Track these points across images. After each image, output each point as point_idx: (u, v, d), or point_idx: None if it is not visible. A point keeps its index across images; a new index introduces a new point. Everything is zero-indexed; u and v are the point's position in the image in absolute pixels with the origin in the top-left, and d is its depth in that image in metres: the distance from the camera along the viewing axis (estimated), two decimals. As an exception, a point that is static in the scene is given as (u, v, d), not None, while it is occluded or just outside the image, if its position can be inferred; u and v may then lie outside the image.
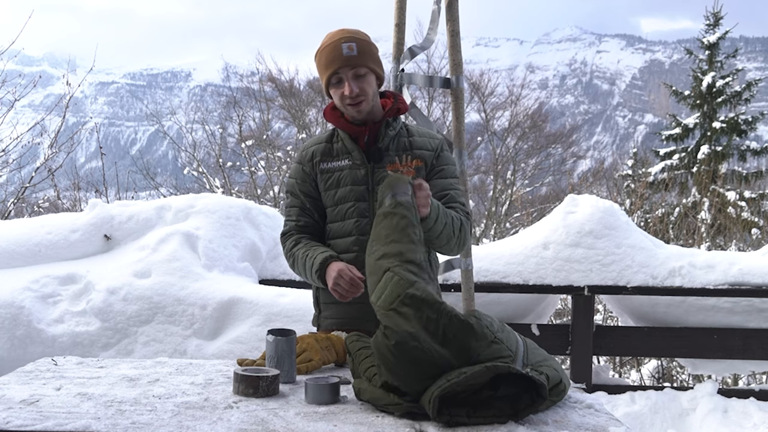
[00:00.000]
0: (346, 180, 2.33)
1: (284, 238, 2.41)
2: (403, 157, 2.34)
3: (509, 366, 1.60)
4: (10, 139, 9.26)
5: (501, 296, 4.71)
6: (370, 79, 2.29)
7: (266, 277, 4.59)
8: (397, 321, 1.69)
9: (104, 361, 2.27)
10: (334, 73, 2.26)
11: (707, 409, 4.41)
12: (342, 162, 2.34)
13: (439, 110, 19.84)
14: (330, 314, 2.41)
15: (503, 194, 19.31)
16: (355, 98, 2.26)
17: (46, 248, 4.41)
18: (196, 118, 19.64)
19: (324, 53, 2.29)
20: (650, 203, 13.94)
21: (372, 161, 2.32)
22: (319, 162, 2.36)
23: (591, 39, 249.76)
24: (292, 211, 2.40)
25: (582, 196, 5.12)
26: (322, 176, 2.36)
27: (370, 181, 2.32)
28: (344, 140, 2.35)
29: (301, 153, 2.42)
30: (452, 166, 2.43)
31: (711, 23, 17.20)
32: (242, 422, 1.63)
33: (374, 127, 2.33)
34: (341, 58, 2.24)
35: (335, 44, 2.27)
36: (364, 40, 2.30)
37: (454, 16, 3.67)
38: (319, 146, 2.39)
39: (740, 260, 4.63)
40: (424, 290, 1.74)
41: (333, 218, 2.35)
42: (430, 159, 2.37)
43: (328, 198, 2.36)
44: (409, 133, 2.40)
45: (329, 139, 2.39)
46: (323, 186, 2.36)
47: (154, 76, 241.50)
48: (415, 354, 1.64)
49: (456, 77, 3.69)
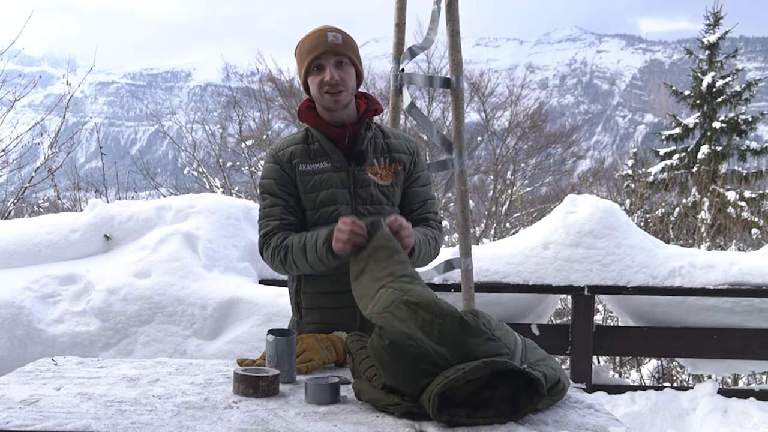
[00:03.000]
0: (327, 183, 2.26)
1: (267, 237, 2.27)
2: (381, 160, 2.32)
3: (507, 362, 1.60)
4: (10, 139, 9.27)
5: (501, 296, 4.71)
6: (351, 72, 2.26)
7: (266, 277, 4.59)
8: (392, 322, 1.69)
9: (104, 361, 2.27)
10: (316, 58, 2.22)
11: (707, 409, 4.41)
12: (321, 164, 2.27)
13: (439, 110, 19.85)
14: (312, 319, 2.34)
15: (503, 194, 19.31)
16: (335, 86, 2.21)
17: (46, 248, 4.41)
18: (196, 118, 19.65)
19: (307, 40, 2.26)
20: (650, 203, 13.95)
21: (353, 163, 2.28)
22: (298, 163, 2.28)
23: (591, 39, 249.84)
24: (275, 210, 2.27)
25: (582, 196, 5.12)
26: (301, 178, 2.27)
27: (352, 183, 2.28)
28: (321, 141, 2.28)
29: (276, 153, 2.32)
30: (426, 172, 2.43)
31: (711, 23, 17.21)
32: (242, 422, 1.63)
33: (354, 129, 2.29)
34: (326, 44, 2.22)
35: (320, 32, 2.25)
36: (348, 35, 2.29)
37: (454, 16, 3.67)
38: (296, 147, 2.31)
39: (740, 260, 4.63)
40: (419, 295, 1.75)
41: (314, 221, 2.28)
42: (408, 163, 2.36)
43: (308, 201, 2.28)
44: (384, 135, 2.37)
45: (305, 140, 2.32)
46: (303, 188, 2.28)
47: (154, 76, 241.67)
48: (411, 352, 1.64)
49: (456, 77, 3.69)
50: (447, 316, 1.68)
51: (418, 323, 1.68)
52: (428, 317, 1.68)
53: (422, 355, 1.64)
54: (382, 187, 2.30)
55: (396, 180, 2.33)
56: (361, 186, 2.28)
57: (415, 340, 1.65)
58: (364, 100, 2.35)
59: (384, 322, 1.70)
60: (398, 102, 3.74)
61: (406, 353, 1.64)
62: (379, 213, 2.27)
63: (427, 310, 1.70)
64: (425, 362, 1.63)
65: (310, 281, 2.32)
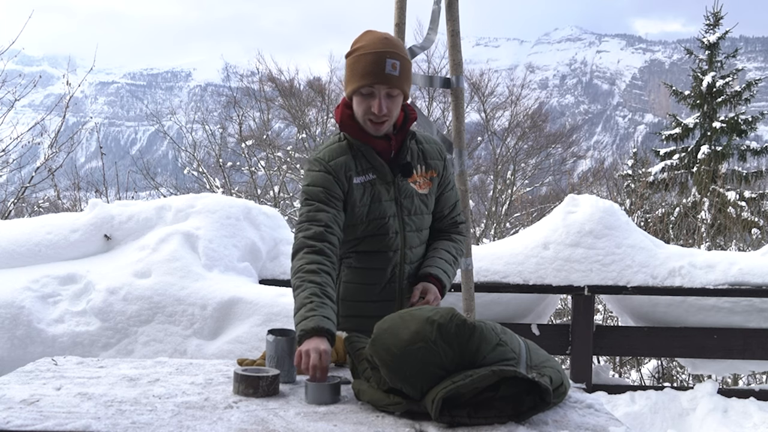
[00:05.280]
0: (377, 195, 2.24)
1: (307, 240, 2.14)
2: (419, 168, 2.31)
3: (515, 370, 1.60)
4: (10, 139, 9.27)
5: (501, 296, 4.71)
6: (400, 101, 2.21)
7: (266, 277, 4.59)
8: (405, 324, 1.71)
9: (104, 361, 2.27)
10: (367, 86, 2.15)
11: (707, 409, 4.41)
12: (369, 176, 2.25)
13: (439, 110, 19.84)
14: (348, 312, 2.30)
15: (503, 194, 19.30)
16: (381, 117, 2.17)
17: (46, 248, 4.41)
18: (196, 118, 19.62)
19: (363, 60, 2.16)
20: (650, 203, 13.94)
21: (399, 175, 2.27)
22: (353, 176, 2.23)
23: (591, 39, 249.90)
24: (323, 216, 2.16)
25: (582, 196, 5.12)
26: (356, 191, 2.23)
27: (398, 195, 2.27)
28: (366, 153, 2.25)
29: (328, 163, 2.22)
30: (452, 173, 2.46)
31: (711, 23, 17.21)
32: (242, 422, 1.63)
33: (398, 140, 2.27)
34: (382, 74, 2.13)
35: (379, 56, 2.14)
36: (405, 58, 2.20)
37: (454, 16, 3.67)
38: (347, 158, 2.24)
39: (740, 260, 4.63)
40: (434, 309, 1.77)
41: (365, 233, 2.25)
42: (441, 168, 2.37)
43: (359, 214, 2.24)
44: (417, 141, 2.35)
45: (350, 151, 2.26)
46: (356, 201, 2.23)
47: (154, 76, 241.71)
48: (421, 354, 1.64)
49: (456, 77, 3.69)
50: (459, 324, 1.68)
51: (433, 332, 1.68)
52: (442, 321, 1.68)
53: (433, 360, 1.64)
54: (421, 195, 2.31)
55: (432, 188, 2.34)
56: (405, 197, 2.29)
57: (428, 342, 1.65)
58: (401, 108, 2.30)
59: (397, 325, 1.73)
60: (398, 102, 3.73)
61: (417, 355, 1.64)
62: (421, 223, 2.32)
63: (444, 317, 1.70)
64: (434, 366, 1.64)
65: (352, 269, 2.31)
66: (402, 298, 2.32)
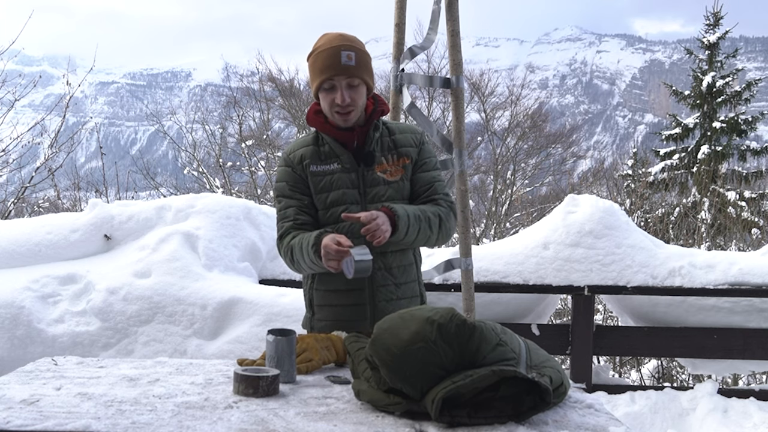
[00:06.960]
0: (337, 183, 2.33)
1: (282, 238, 2.35)
2: (389, 157, 2.37)
3: (515, 370, 1.60)
4: (10, 139, 9.27)
5: (501, 296, 4.71)
6: (362, 90, 2.29)
7: (266, 277, 4.60)
8: (405, 324, 1.70)
9: (104, 361, 2.27)
10: (328, 79, 2.25)
11: (707, 409, 4.41)
12: (331, 165, 2.34)
13: (439, 110, 19.85)
14: (324, 316, 2.41)
15: (503, 194, 19.32)
16: (346, 107, 2.26)
17: (46, 248, 4.41)
18: (196, 118, 19.64)
19: (321, 57, 2.27)
20: (650, 203, 13.94)
21: (362, 164, 2.34)
22: (309, 164, 2.35)
23: (591, 39, 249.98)
24: (289, 211, 2.35)
25: (582, 196, 5.12)
26: (312, 179, 2.34)
27: (361, 184, 2.34)
28: (331, 144, 2.35)
29: (288, 156, 2.40)
30: (433, 158, 2.47)
31: (711, 23, 17.20)
32: (242, 422, 1.63)
33: (362, 131, 2.34)
34: (338, 66, 2.23)
35: (334, 50, 2.25)
36: (362, 50, 2.30)
37: (454, 16, 3.67)
38: (306, 149, 2.37)
39: (740, 260, 4.63)
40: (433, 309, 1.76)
41: (325, 221, 2.34)
42: (415, 154, 2.40)
43: (319, 201, 2.35)
44: (390, 132, 2.42)
45: (315, 142, 2.38)
46: (314, 189, 2.35)
47: (154, 76, 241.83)
48: (421, 354, 1.64)
49: (456, 77, 3.69)
50: (459, 323, 1.68)
51: (433, 331, 1.68)
52: (442, 321, 1.68)
53: (433, 360, 1.64)
54: (392, 183, 2.35)
55: (405, 174, 2.37)
56: (371, 185, 2.34)
57: (428, 342, 1.65)
58: (371, 101, 2.38)
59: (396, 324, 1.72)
60: (398, 102, 3.74)
61: (417, 355, 1.64)
62: None
63: (444, 316, 1.70)
64: (434, 366, 1.64)
65: (323, 279, 2.38)
66: (374, 295, 2.34)
